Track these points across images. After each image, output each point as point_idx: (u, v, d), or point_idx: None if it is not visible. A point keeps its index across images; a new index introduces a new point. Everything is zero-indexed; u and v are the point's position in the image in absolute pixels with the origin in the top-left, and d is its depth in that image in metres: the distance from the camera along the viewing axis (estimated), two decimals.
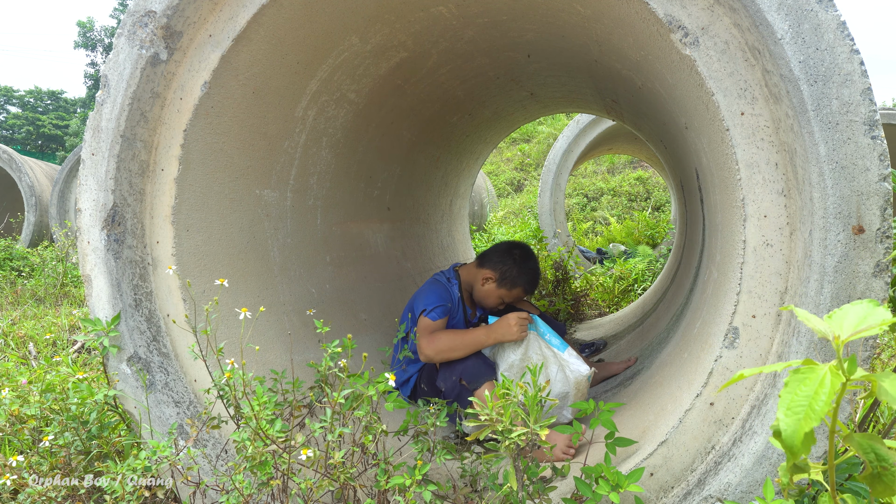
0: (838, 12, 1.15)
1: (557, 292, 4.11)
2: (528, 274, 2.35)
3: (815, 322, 0.72)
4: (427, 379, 2.27)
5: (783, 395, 0.67)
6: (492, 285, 2.34)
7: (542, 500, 1.31)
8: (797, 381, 0.67)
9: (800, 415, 0.64)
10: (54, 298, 5.11)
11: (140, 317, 1.72)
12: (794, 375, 0.68)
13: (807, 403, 0.65)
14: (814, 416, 0.64)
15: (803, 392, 0.66)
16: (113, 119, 1.69)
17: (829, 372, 0.66)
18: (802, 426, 0.64)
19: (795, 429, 0.64)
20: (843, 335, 0.70)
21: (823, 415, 0.64)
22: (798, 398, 0.65)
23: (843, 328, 0.71)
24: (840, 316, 0.72)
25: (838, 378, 0.66)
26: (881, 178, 1.14)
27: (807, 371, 0.68)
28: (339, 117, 2.40)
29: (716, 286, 1.58)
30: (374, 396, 1.33)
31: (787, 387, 0.67)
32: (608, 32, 1.80)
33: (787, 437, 0.64)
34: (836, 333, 0.70)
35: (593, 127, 6.48)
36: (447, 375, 2.10)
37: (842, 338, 0.69)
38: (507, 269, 2.32)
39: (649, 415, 1.61)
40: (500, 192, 12.95)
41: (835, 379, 0.66)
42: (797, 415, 0.64)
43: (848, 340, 0.69)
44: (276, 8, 1.69)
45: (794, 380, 0.67)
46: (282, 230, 2.26)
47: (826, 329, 0.71)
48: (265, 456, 1.24)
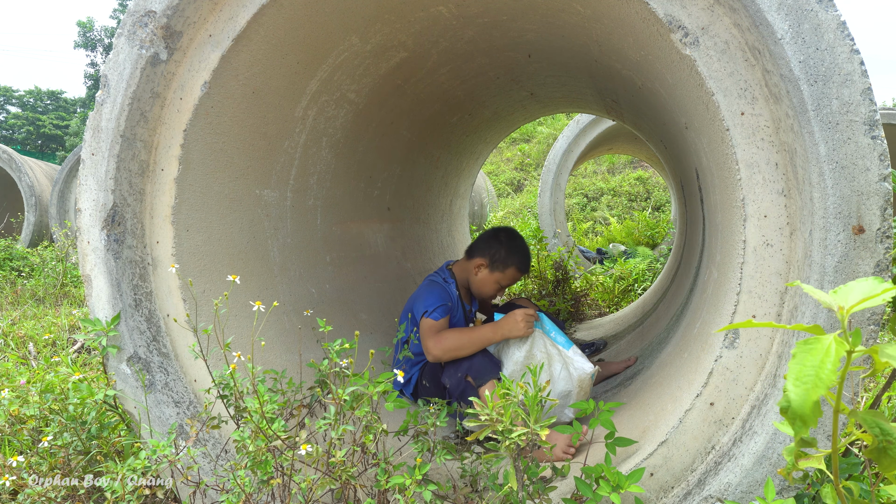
0: (838, 12, 1.15)
1: (557, 292, 4.11)
2: (517, 252, 2.36)
3: (821, 295, 0.74)
4: (430, 376, 2.27)
5: (791, 365, 0.68)
6: (485, 271, 2.35)
7: (542, 500, 1.31)
8: (804, 352, 0.68)
9: (808, 384, 0.65)
10: (54, 298, 5.11)
11: (140, 317, 1.72)
12: (802, 346, 0.69)
13: (814, 373, 0.66)
14: (820, 383, 0.65)
15: (810, 362, 0.67)
16: (113, 119, 1.69)
17: (834, 341, 0.67)
18: (811, 395, 0.64)
19: (805, 398, 0.65)
20: (847, 305, 0.71)
21: (830, 383, 0.65)
22: (805, 368, 0.67)
23: (847, 299, 0.72)
24: (845, 290, 0.74)
25: (843, 346, 0.67)
26: (881, 178, 1.14)
27: (813, 341, 0.69)
28: (339, 117, 2.40)
29: (716, 286, 1.58)
30: (375, 396, 1.33)
31: (795, 358, 0.68)
32: (608, 32, 1.80)
33: (797, 406, 0.65)
34: (841, 304, 0.72)
35: (593, 127, 6.48)
36: (453, 372, 2.10)
37: (845, 308, 0.71)
38: (496, 252, 2.34)
39: (649, 415, 1.61)
40: (500, 192, 12.96)
41: (839, 347, 0.67)
42: (805, 384, 0.65)
43: (852, 310, 0.70)
44: (275, 8, 1.69)
45: (801, 350, 0.68)
46: (282, 230, 2.26)
47: (831, 301, 0.73)
48: (266, 455, 1.24)
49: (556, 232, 6.66)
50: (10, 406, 1.71)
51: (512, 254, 2.34)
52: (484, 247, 2.37)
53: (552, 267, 4.29)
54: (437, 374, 2.23)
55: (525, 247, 2.42)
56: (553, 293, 4.11)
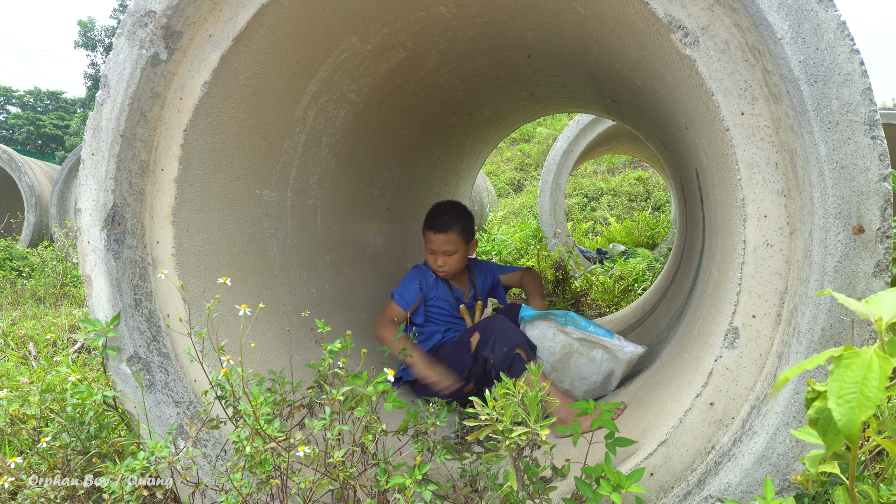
0: (838, 12, 1.15)
1: (557, 292, 4.11)
2: (429, 215, 2.47)
3: (856, 305, 0.71)
4: (453, 351, 2.28)
5: (831, 383, 0.65)
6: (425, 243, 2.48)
7: (542, 500, 1.30)
8: (842, 368, 0.65)
9: (852, 402, 0.62)
10: (54, 298, 5.11)
11: (140, 317, 1.72)
12: (840, 362, 0.66)
13: (857, 390, 0.63)
14: (867, 403, 0.62)
15: (851, 378, 0.64)
16: (113, 119, 1.69)
17: (874, 355, 0.64)
18: (858, 414, 0.61)
19: (850, 417, 0.62)
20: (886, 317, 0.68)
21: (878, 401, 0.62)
22: (847, 384, 0.63)
23: (881, 310, 0.69)
24: (876, 301, 0.71)
25: (887, 362, 0.64)
26: (881, 178, 1.14)
27: (850, 356, 0.65)
28: (339, 117, 2.40)
29: (716, 286, 1.58)
30: (374, 396, 1.33)
31: (834, 374, 0.65)
32: (608, 32, 1.79)
33: (844, 427, 0.62)
34: (878, 315, 0.69)
35: (593, 127, 6.48)
36: (500, 345, 2.09)
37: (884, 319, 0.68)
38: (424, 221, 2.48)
39: (649, 415, 1.61)
40: (500, 192, 12.95)
41: (883, 363, 0.64)
42: (850, 402, 0.62)
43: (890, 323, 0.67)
44: (275, 8, 1.69)
45: (839, 367, 0.65)
46: (282, 230, 2.26)
47: (868, 311, 0.70)
48: (264, 455, 1.24)
49: (556, 232, 6.66)
50: (9, 406, 1.71)
51: (427, 218, 2.46)
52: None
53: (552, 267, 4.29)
54: (461, 349, 2.23)
55: (445, 208, 2.50)
56: (553, 293, 4.11)
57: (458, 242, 2.42)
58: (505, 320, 2.18)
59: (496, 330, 2.12)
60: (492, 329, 2.13)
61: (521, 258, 6.03)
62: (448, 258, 2.42)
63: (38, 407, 1.73)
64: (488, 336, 2.13)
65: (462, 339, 2.26)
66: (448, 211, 2.45)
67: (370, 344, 2.61)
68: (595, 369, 2.23)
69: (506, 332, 2.11)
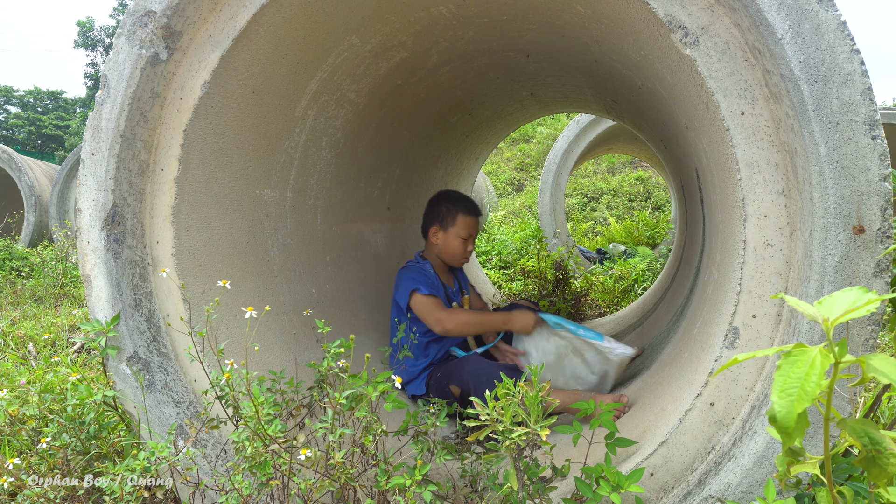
0: (838, 12, 1.15)
1: (557, 292, 4.11)
2: (458, 201, 2.44)
3: (805, 307, 0.74)
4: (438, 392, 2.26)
5: (776, 377, 0.69)
6: (442, 234, 2.43)
7: (542, 500, 1.30)
8: (789, 364, 0.69)
9: (792, 396, 0.66)
10: (54, 298, 5.10)
11: (140, 317, 1.72)
12: (786, 358, 0.69)
13: (799, 385, 0.66)
14: (805, 396, 0.65)
15: (795, 374, 0.67)
16: (113, 119, 1.69)
17: (819, 353, 0.68)
18: (795, 407, 0.65)
19: (789, 410, 0.65)
20: (832, 317, 0.71)
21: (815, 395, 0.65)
22: (790, 380, 0.67)
23: (832, 311, 0.73)
24: (830, 301, 0.75)
25: (828, 359, 0.68)
26: (881, 178, 1.14)
27: (798, 353, 0.69)
28: (339, 117, 2.40)
29: (716, 286, 1.58)
30: (374, 397, 1.33)
31: (780, 370, 0.69)
32: (608, 32, 1.79)
33: (782, 419, 0.65)
34: (826, 316, 0.72)
35: (593, 127, 6.48)
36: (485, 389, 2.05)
37: (830, 319, 0.71)
38: (439, 211, 2.44)
39: (649, 415, 1.61)
40: (500, 192, 12.95)
41: (824, 359, 0.67)
42: (790, 396, 0.66)
43: (837, 322, 0.71)
44: (275, 8, 1.69)
45: (785, 363, 0.69)
46: (282, 230, 2.26)
47: (815, 313, 0.73)
48: (264, 456, 1.24)
49: (556, 232, 6.66)
50: (9, 406, 1.71)
51: (454, 204, 2.43)
52: (429, 216, 2.47)
53: (552, 267, 4.29)
54: (443, 383, 2.25)
55: (464, 195, 2.50)
56: (553, 293, 4.11)
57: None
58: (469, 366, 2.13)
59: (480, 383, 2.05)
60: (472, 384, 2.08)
61: (521, 258, 6.03)
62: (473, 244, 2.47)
63: (38, 407, 1.73)
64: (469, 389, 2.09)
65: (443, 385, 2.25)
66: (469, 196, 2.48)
67: (370, 344, 2.61)
68: (589, 370, 2.26)
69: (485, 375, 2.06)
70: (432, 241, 2.47)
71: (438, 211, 2.44)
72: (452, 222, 2.42)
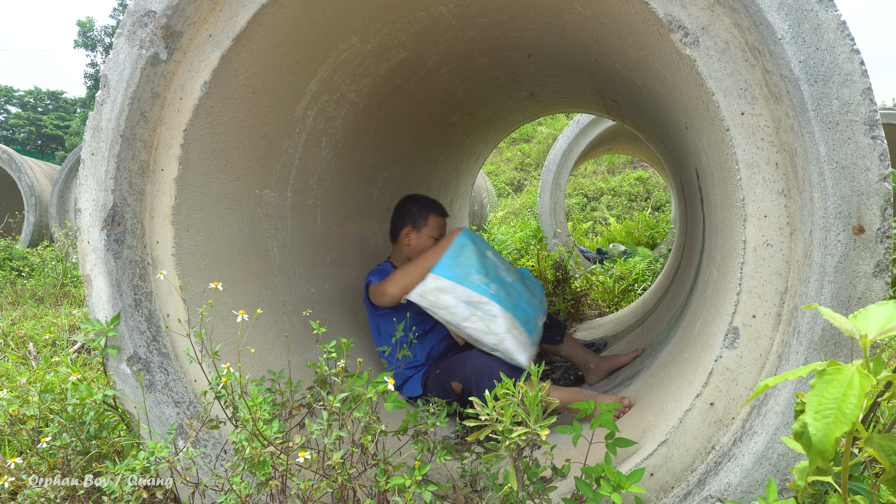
0: (838, 12, 1.15)
1: (557, 292, 4.11)
2: (427, 202, 2.51)
3: (841, 321, 0.70)
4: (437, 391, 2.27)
5: (810, 398, 0.64)
6: (414, 235, 2.47)
7: (542, 500, 1.30)
8: (823, 384, 0.64)
9: (829, 418, 0.61)
10: (54, 298, 5.11)
11: (140, 317, 1.72)
12: (821, 377, 0.65)
13: (835, 406, 0.62)
14: (844, 420, 0.61)
15: (831, 394, 0.63)
16: (113, 119, 1.69)
17: (856, 372, 0.63)
18: (833, 430, 0.61)
19: (825, 433, 0.61)
20: (871, 334, 0.67)
21: (854, 418, 0.61)
22: (826, 401, 0.63)
23: (869, 327, 0.68)
24: (865, 315, 0.70)
25: (867, 380, 0.63)
26: (881, 177, 1.14)
27: (833, 372, 0.65)
28: (339, 117, 2.40)
29: (716, 286, 1.58)
30: (374, 397, 1.33)
31: (814, 389, 0.64)
32: (608, 32, 1.79)
33: (818, 442, 0.61)
34: (864, 332, 0.68)
35: (593, 127, 6.48)
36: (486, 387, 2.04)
37: (869, 337, 0.67)
38: (409, 213, 2.48)
39: (649, 415, 1.61)
40: (500, 192, 12.95)
41: (864, 380, 0.63)
42: (826, 418, 0.62)
43: (875, 340, 0.67)
44: (276, 8, 1.69)
45: (820, 382, 0.64)
46: (282, 230, 2.26)
47: (852, 328, 0.69)
48: (263, 456, 1.24)
49: (556, 232, 6.66)
50: (9, 406, 1.71)
51: (423, 206, 2.49)
52: (399, 219, 2.50)
53: (552, 267, 4.29)
54: (443, 381, 2.24)
55: (431, 198, 2.56)
56: (553, 293, 4.11)
57: None
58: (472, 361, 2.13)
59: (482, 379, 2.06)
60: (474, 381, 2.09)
61: (521, 258, 6.02)
62: None
63: (38, 407, 1.73)
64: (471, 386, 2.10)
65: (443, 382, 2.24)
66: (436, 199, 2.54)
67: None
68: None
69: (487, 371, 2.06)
70: (404, 242, 2.49)
71: (409, 213, 2.48)
72: (424, 223, 2.47)
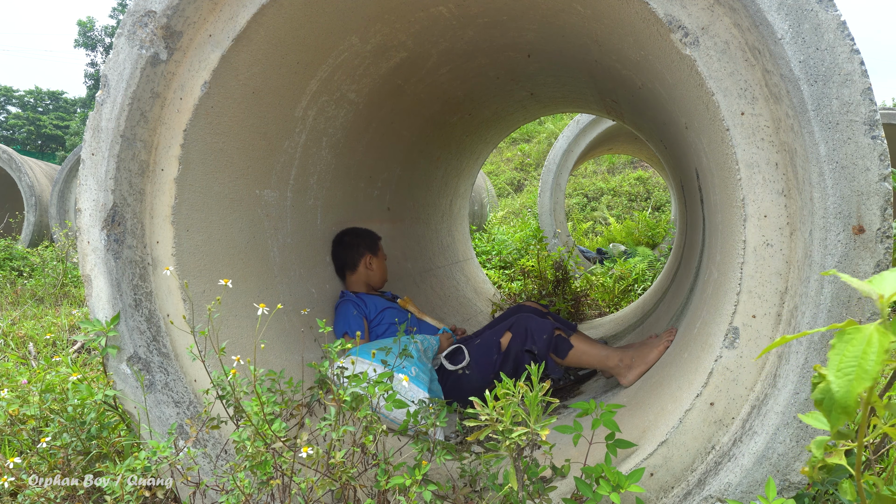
0: (838, 12, 1.15)
1: (557, 292, 4.11)
2: (366, 231, 2.77)
3: (858, 283, 0.72)
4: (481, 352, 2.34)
5: (832, 356, 0.66)
6: (375, 260, 2.70)
7: (542, 500, 1.30)
8: (843, 343, 0.66)
9: (850, 375, 0.63)
10: (54, 298, 5.11)
11: (140, 317, 1.72)
12: (840, 337, 0.67)
13: (856, 364, 0.64)
14: (865, 375, 0.63)
15: (851, 352, 0.65)
16: (113, 119, 1.69)
17: (875, 331, 0.65)
18: (855, 387, 0.63)
19: (848, 389, 0.63)
20: (887, 293, 0.69)
21: (875, 374, 0.62)
22: (847, 359, 0.65)
23: (884, 288, 0.70)
24: (880, 279, 0.72)
25: (886, 336, 0.65)
26: (881, 177, 1.14)
27: (852, 332, 0.66)
28: (339, 117, 2.40)
29: (716, 286, 1.58)
30: (375, 396, 1.33)
31: (835, 348, 0.66)
32: (608, 32, 1.79)
33: (841, 398, 0.63)
34: (881, 292, 0.69)
35: (593, 127, 6.48)
36: (538, 336, 2.25)
37: (886, 296, 0.69)
38: (362, 242, 2.69)
39: (649, 415, 1.61)
40: (500, 192, 12.95)
41: (882, 337, 0.64)
42: (848, 375, 0.63)
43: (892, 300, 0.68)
44: (276, 8, 1.69)
45: (840, 341, 0.66)
46: (282, 230, 2.26)
47: (869, 289, 0.71)
48: (265, 455, 1.24)
49: (556, 232, 6.66)
50: (9, 406, 1.71)
51: (368, 234, 2.74)
52: (355, 252, 2.66)
53: (552, 267, 4.29)
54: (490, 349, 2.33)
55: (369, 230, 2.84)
56: (553, 293, 4.11)
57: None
58: (531, 316, 2.33)
59: (529, 326, 2.28)
60: (524, 326, 2.29)
61: (521, 258, 6.03)
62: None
63: (39, 407, 1.73)
64: (524, 333, 2.28)
65: (489, 340, 2.36)
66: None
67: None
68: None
69: (538, 324, 2.28)
70: (366, 271, 2.66)
71: (362, 243, 2.67)
72: (378, 247, 2.73)
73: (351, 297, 2.53)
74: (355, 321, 2.41)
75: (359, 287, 2.66)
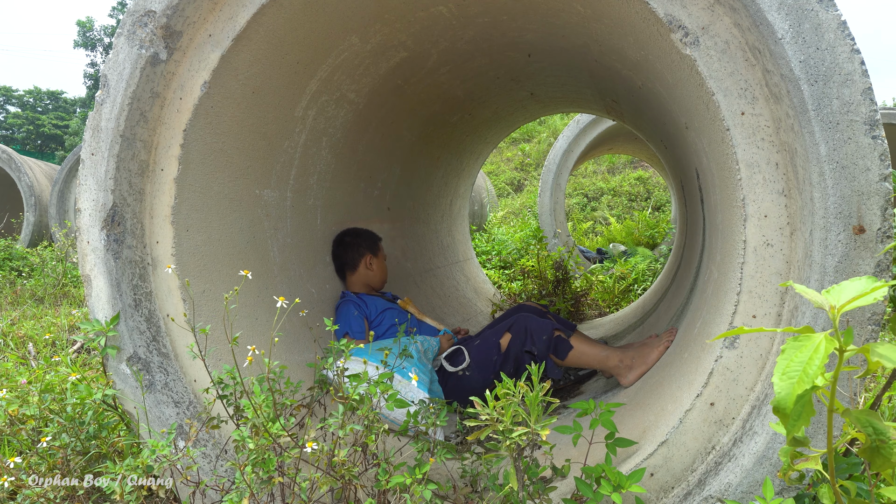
0: (839, 12, 1.15)
1: (557, 292, 4.11)
2: (366, 231, 2.78)
3: (812, 294, 0.75)
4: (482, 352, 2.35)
5: (779, 360, 0.69)
6: (376, 260, 2.69)
7: (542, 500, 1.30)
8: (793, 349, 0.69)
9: (793, 379, 0.66)
10: (54, 298, 5.10)
11: (140, 317, 1.72)
12: (791, 343, 0.69)
13: (801, 369, 0.66)
14: (807, 379, 0.65)
15: (798, 358, 0.68)
16: (112, 119, 1.69)
17: (824, 339, 0.68)
18: (795, 389, 0.65)
19: (788, 392, 0.65)
20: (839, 304, 0.72)
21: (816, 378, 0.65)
22: (793, 364, 0.67)
23: (839, 298, 0.73)
24: (838, 290, 0.75)
25: (832, 344, 0.68)
26: (882, 177, 1.14)
27: (804, 338, 0.69)
28: (339, 117, 2.40)
29: (716, 286, 1.58)
30: (375, 396, 1.33)
31: (784, 353, 0.69)
32: (608, 32, 1.79)
33: (781, 401, 0.66)
34: (833, 303, 0.72)
35: (593, 127, 6.48)
36: (538, 336, 2.25)
37: (837, 306, 0.71)
38: (362, 243, 2.69)
39: (649, 415, 1.61)
40: (500, 192, 12.95)
41: (829, 344, 0.67)
42: (791, 379, 0.66)
43: (843, 309, 0.71)
44: (275, 8, 1.69)
45: (790, 347, 0.69)
46: (282, 230, 2.26)
47: (822, 300, 0.73)
48: (267, 453, 1.24)
49: (556, 232, 6.66)
50: (9, 406, 1.71)
51: (368, 235, 2.74)
52: (355, 253, 2.66)
53: (552, 267, 4.29)
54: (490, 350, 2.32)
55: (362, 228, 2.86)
56: (553, 293, 4.11)
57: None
58: (530, 317, 2.33)
59: (529, 326, 2.28)
60: (524, 327, 2.29)
61: (521, 258, 6.03)
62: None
63: (38, 407, 1.73)
64: (523, 334, 2.28)
65: (489, 341, 2.36)
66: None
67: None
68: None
69: (538, 324, 2.28)
70: (366, 271, 2.65)
71: (362, 243, 2.67)
72: (378, 247, 2.72)
73: (352, 298, 2.53)
74: (356, 321, 2.41)
75: (359, 287, 2.66)
